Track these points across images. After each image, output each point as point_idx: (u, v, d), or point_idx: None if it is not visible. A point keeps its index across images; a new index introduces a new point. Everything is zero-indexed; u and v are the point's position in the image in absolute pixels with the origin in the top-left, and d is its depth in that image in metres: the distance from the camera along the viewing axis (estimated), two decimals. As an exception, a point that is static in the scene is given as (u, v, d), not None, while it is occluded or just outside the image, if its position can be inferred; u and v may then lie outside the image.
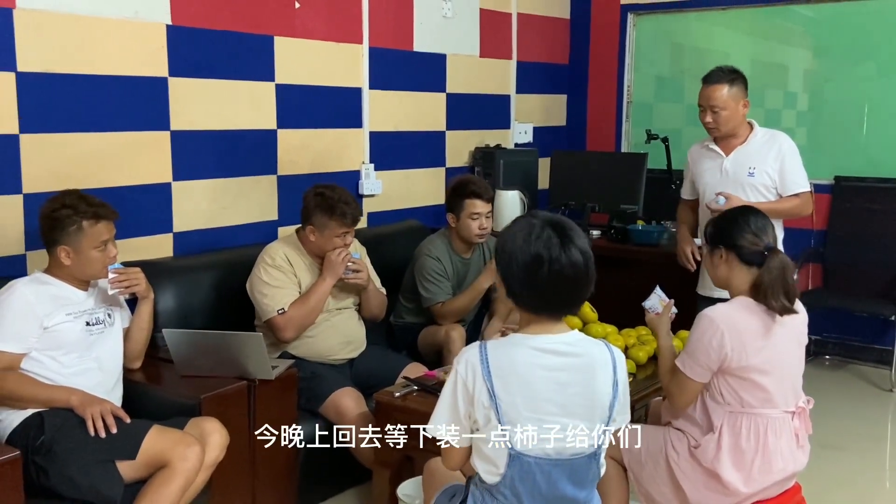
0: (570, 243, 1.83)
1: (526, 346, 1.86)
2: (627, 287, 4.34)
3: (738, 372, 2.32)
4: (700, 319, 2.37)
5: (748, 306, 2.36)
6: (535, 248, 1.83)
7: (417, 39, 4.58)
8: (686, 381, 2.38)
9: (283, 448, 2.94)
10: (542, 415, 1.83)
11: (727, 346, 2.29)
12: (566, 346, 1.87)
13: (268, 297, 3.13)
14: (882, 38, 4.81)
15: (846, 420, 4.10)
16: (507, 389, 1.82)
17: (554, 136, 5.70)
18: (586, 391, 1.86)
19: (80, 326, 2.58)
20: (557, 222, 1.87)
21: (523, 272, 1.85)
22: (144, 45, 3.32)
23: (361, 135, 4.32)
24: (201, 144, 3.56)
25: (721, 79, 3.40)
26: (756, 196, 3.44)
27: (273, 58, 3.82)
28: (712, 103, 3.40)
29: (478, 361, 1.84)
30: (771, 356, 2.33)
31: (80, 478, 2.36)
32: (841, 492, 3.33)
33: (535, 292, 1.86)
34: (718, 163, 3.52)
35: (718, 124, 3.43)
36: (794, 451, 2.38)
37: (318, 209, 3.18)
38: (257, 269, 3.18)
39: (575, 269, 1.82)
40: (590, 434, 1.87)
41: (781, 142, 3.46)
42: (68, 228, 2.53)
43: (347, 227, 3.19)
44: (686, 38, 5.61)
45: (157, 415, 2.60)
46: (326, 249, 3.21)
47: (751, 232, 2.40)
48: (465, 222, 3.62)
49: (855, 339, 4.94)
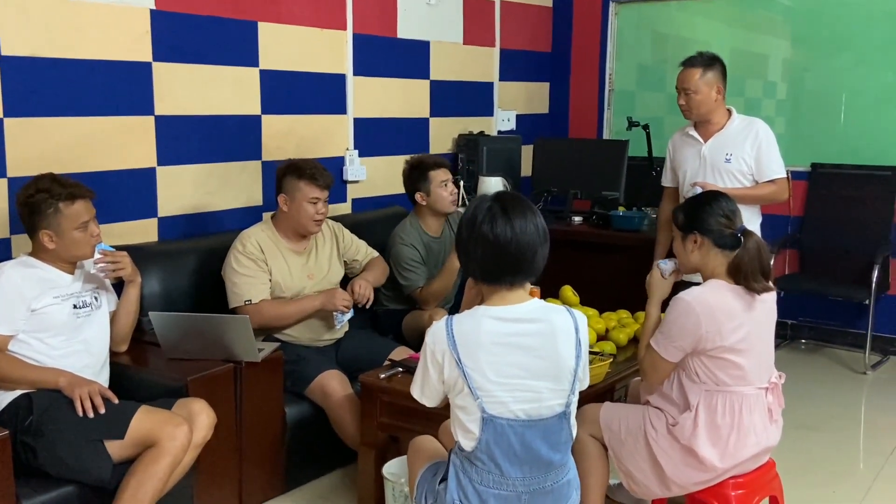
0: (508, 217, 1.94)
1: (488, 317, 1.96)
2: (609, 272, 4.43)
3: (713, 353, 2.38)
4: (676, 302, 2.42)
5: (723, 288, 2.42)
6: (476, 222, 1.96)
7: (401, 26, 4.60)
8: (658, 360, 2.44)
9: (269, 429, 3.00)
10: (508, 379, 1.93)
11: (702, 329, 2.35)
12: (526, 314, 1.98)
13: (236, 285, 3.14)
14: (859, 27, 4.88)
15: (821, 402, 4.18)
16: (472, 358, 1.92)
17: (537, 124, 5.74)
18: (551, 355, 1.96)
19: (67, 309, 2.60)
20: (503, 198, 1.99)
21: (467, 244, 1.99)
22: (129, 29, 3.32)
23: (346, 121, 4.34)
24: (186, 129, 3.57)
25: (697, 63, 3.49)
26: (732, 182, 3.49)
27: (257, 43, 3.83)
28: (685, 85, 3.49)
29: (444, 334, 1.95)
30: (747, 335, 2.39)
31: (68, 457, 2.39)
32: (816, 471, 3.40)
33: (477, 263, 1.98)
34: (697, 149, 3.58)
35: (690, 107, 3.51)
36: (768, 425, 2.45)
37: (288, 173, 3.20)
38: (229, 255, 3.19)
39: (511, 240, 1.93)
40: (557, 393, 1.97)
41: (758, 128, 3.51)
42: (46, 212, 2.54)
43: (319, 188, 3.18)
44: (667, 27, 5.66)
45: (144, 397, 2.62)
46: (300, 220, 3.19)
47: (723, 216, 2.46)
48: (436, 193, 3.65)
49: (830, 323, 5.03)
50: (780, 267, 5.03)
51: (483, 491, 1.96)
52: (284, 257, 3.25)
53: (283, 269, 3.23)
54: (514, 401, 1.94)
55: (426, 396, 2.05)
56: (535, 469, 1.97)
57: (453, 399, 1.98)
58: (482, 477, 1.96)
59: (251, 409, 2.92)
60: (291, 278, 3.24)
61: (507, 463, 1.95)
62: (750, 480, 2.48)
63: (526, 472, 1.97)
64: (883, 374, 4.65)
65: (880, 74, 4.87)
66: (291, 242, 3.29)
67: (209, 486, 2.81)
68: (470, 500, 1.96)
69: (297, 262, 3.28)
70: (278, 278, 3.21)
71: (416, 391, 2.07)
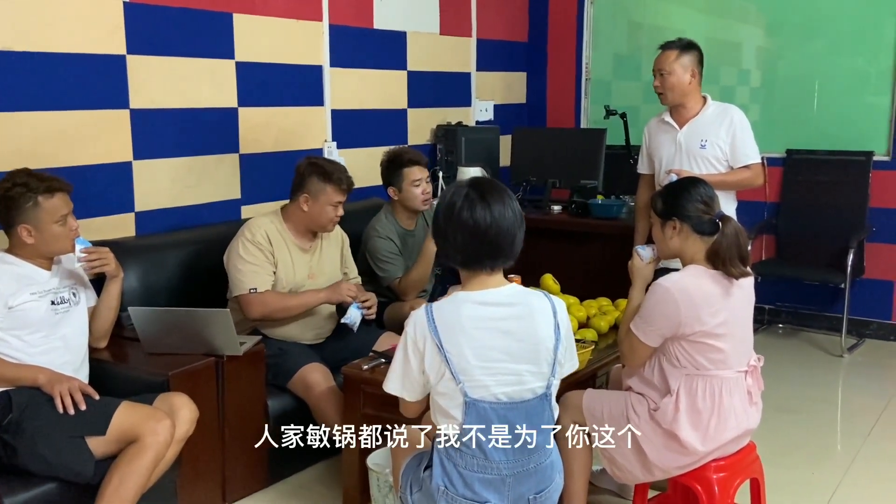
0: (487, 202, 1.95)
1: (468, 302, 1.98)
2: (588, 260, 4.46)
3: (693, 338, 2.40)
4: (655, 288, 2.44)
5: (702, 273, 2.44)
6: (455, 208, 1.97)
7: (377, 17, 4.58)
8: (638, 344, 2.46)
9: (252, 422, 2.99)
10: (490, 363, 1.95)
11: (681, 315, 2.37)
12: (505, 298, 2.00)
13: (242, 272, 3.12)
14: (831, 15, 4.94)
15: (799, 385, 4.24)
16: (454, 343, 1.94)
17: (515, 114, 5.75)
18: (530, 337, 1.98)
19: (45, 305, 2.57)
20: (479, 184, 2.01)
21: (446, 230, 2.00)
22: (102, 22, 3.28)
23: (323, 113, 4.32)
24: (162, 123, 3.54)
25: (673, 45, 3.53)
26: (707, 168, 3.52)
27: (232, 35, 3.80)
28: (660, 66, 3.53)
29: (425, 321, 1.97)
30: (726, 319, 2.41)
31: (50, 455, 2.37)
32: (795, 453, 3.45)
33: (457, 248, 2.00)
34: (673, 135, 3.61)
35: (664, 89, 3.54)
36: (748, 408, 2.48)
37: (315, 175, 3.17)
38: (236, 242, 3.16)
39: (490, 225, 1.94)
40: (538, 376, 1.99)
41: (733, 114, 3.54)
42: (24, 206, 2.51)
43: (343, 193, 3.19)
44: (643, 16, 5.68)
45: (125, 393, 2.60)
46: (320, 220, 3.19)
47: (701, 202, 2.48)
48: (408, 191, 3.64)
49: (807, 308, 5.10)
50: (756, 252, 5.08)
51: (468, 475, 1.97)
52: (290, 252, 3.23)
53: (287, 263, 3.21)
54: (496, 384, 1.95)
55: (406, 390, 2.03)
56: (517, 451, 1.99)
57: (435, 387, 1.98)
58: (466, 461, 1.97)
59: (233, 402, 2.91)
60: (294, 274, 3.22)
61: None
62: (731, 463, 2.51)
63: (509, 454, 1.98)
64: (859, 357, 4.72)
65: (852, 60, 4.93)
66: (299, 239, 3.26)
67: (192, 480, 2.80)
68: (455, 486, 1.98)
69: (301, 258, 3.26)
70: (282, 272, 3.19)
71: (394, 386, 2.04)
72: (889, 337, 4.93)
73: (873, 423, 3.76)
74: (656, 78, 3.55)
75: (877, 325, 4.96)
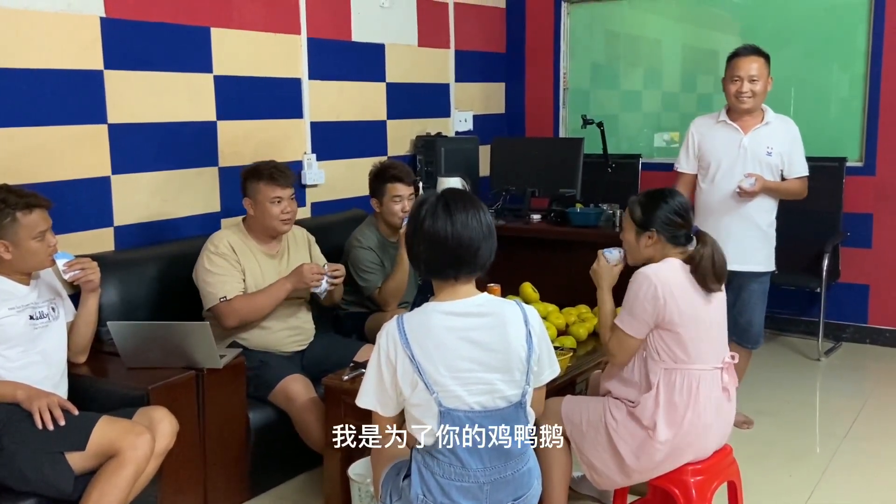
0: (450, 212, 1.98)
1: (438, 312, 2.00)
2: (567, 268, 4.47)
3: (671, 326, 2.44)
4: (636, 277, 2.50)
5: (679, 267, 2.50)
6: (419, 217, 2.00)
7: (356, 29, 4.61)
8: (625, 338, 2.50)
9: (233, 435, 2.99)
10: (461, 372, 1.96)
11: (661, 298, 2.42)
12: (476, 308, 2.02)
13: (210, 284, 3.14)
14: (806, 22, 5.02)
15: (777, 389, 4.29)
16: (425, 354, 1.95)
17: (494, 124, 5.79)
18: (501, 346, 1.99)
19: (23, 320, 2.57)
20: (447, 194, 2.04)
21: (412, 239, 2.03)
22: (78, 37, 3.29)
23: (303, 125, 4.34)
24: (140, 137, 3.54)
25: (756, 51, 3.56)
26: (768, 175, 3.59)
27: (210, 49, 3.81)
28: (752, 73, 3.51)
29: (396, 332, 1.98)
30: (703, 314, 2.48)
31: (29, 471, 2.37)
32: (773, 455, 3.49)
33: (420, 258, 2.03)
34: (736, 138, 3.61)
35: (755, 94, 3.53)
36: (723, 403, 2.52)
37: (248, 177, 3.24)
38: (201, 257, 3.19)
39: (450, 235, 1.97)
40: (511, 385, 2.00)
41: (792, 127, 3.65)
42: (2, 221, 2.51)
43: (280, 187, 3.20)
44: (620, 25, 5.75)
45: (104, 408, 2.59)
46: (267, 220, 3.21)
47: (678, 214, 2.53)
48: (388, 206, 3.68)
49: (784, 312, 5.15)
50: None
51: (445, 483, 1.99)
52: (257, 259, 3.25)
53: (256, 270, 3.23)
54: (468, 394, 1.97)
55: (381, 404, 2.03)
56: (494, 459, 2.00)
57: (409, 398, 1.98)
58: (444, 470, 1.98)
59: (214, 415, 2.91)
60: (264, 279, 3.23)
61: (466, 454, 1.98)
62: (708, 466, 2.54)
63: (486, 462, 1.99)
64: (836, 360, 4.78)
65: (826, 67, 5.01)
66: (263, 245, 3.29)
67: (173, 494, 2.79)
68: (433, 494, 1.99)
69: (269, 263, 3.28)
70: (251, 280, 3.21)
71: (368, 401, 2.03)
72: (865, 340, 5.00)
73: (850, 424, 3.81)
74: (743, 83, 3.51)
75: (853, 329, 5.02)
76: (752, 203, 3.59)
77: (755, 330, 3.71)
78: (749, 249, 3.60)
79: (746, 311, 3.66)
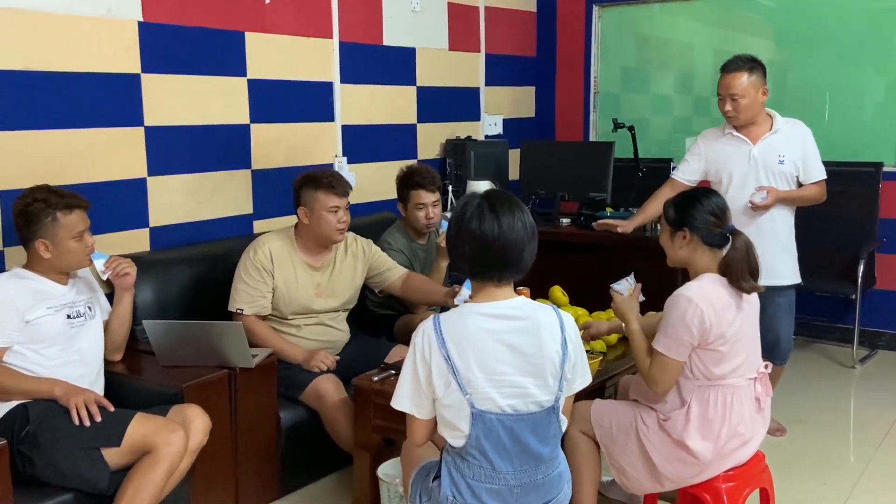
0: (496, 214, 1.97)
1: (475, 314, 1.99)
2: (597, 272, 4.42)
3: (712, 345, 2.39)
4: (675, 300, 2.42)
5: (717, 281, 2.45)
6: (465, 218, 1.99)
7: (387, 34, 4.64)
8: (668, 363, 2.41)
9: (264, 434, 3.02)
10: (496, 375, 1.95)
11: (707, 321, 2.36)
12: (512, 311, 2.01)
13: (237, 290, 3.17)
14: (840, 25, 4.95)
15: (811, 396, 4.23)
16: (461, 354, 1.95)
17: (523, 127, 5.79)
18: (536, 351, 1.98)
19: (61, 320, 2.62)
20: (492, 195, 2.03)
21: (455, 240, 2.02)
22: (117, 42, 3.35)
23: (334, 128, 4.38)
24: (175, 140, 3.60)
25: (740, 66, 3.40)
26: (783, 184, 3.48)
27: (244, 53, 3.86)
28: (732, 91, 3.39)
29: (433, 331, 1.98)
30: (741, 327, 2.44)
31: (66, 466, 2.41)
32: (806, 463, 3.45)
33: (465, 259, 2.02)
34: (745, 150, 3.51)
35: (738, 112, 3.42)
36: (755, 415, 2.49)
37: (304, 186, 3.20)
38: (244, 257, 3.20)
39: (497, 236, 1.96)
40: (544, 390, 1.99)
41: (803, 130, 3.53)
42: (44, 221, 2.57)
43: (337, 196, 3.17)
44: (651, 29, 5.72)
45: (139, 405, 2.64)
46: (323, 230, 3.18)
47: (714, 214, 2.49)
48: (412, 212, 3.70)
49: (818, 319, 5.08)
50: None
51: (475, 486, 1.99)
52: (295, 269, 3.23)
53: (291, 280, 3.21)
54: (501, 396, 1.96)
55: (416, 406, 2.02)
56: (525, 462, 2.00)
57: (441, 399, 1.98)
58: (474, 472, 1.99)
59: (246, 414, 2.95)
60: (297, 289, 3.22)
61: (497, 457, 1.98)
62: (740, 473, 2.52)
63: (516, 465, 1.99)
64: (871, 368, 4.71)
65: (860, 71, 4.94)
66: (310, 256, 3.27)
67: (205, 491, 2.83)
68: (463, 496, 1.99)
69: (307, 276, 3.26)
70: (283, 288, 3.19)
71: (403, 403, 2.02)
72: (901, 347, 4.92)
73: (885, 433, 3.75)
74: (726, 102, 3.42)
75: (888, 336, 4.95)
76: (768, 215, 3.48)
77: (784, 346, 3.60)
78: (770, 263, 3.48)
79: (774, 327, 3.52)
